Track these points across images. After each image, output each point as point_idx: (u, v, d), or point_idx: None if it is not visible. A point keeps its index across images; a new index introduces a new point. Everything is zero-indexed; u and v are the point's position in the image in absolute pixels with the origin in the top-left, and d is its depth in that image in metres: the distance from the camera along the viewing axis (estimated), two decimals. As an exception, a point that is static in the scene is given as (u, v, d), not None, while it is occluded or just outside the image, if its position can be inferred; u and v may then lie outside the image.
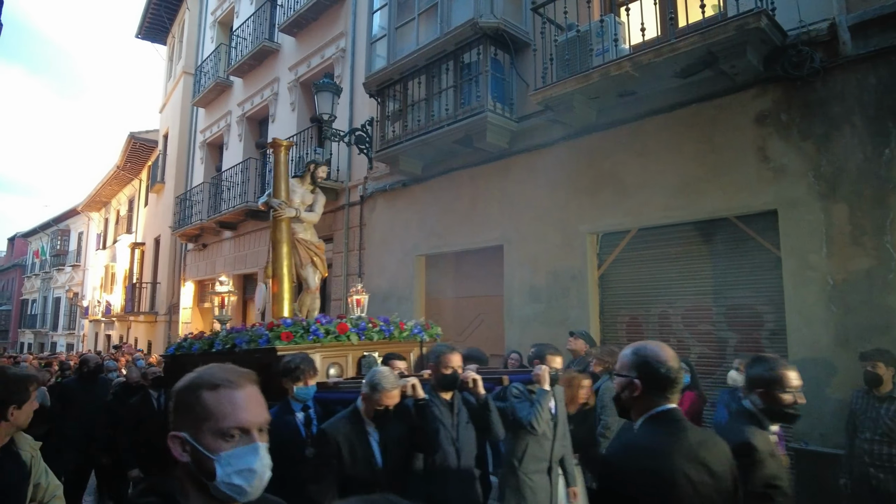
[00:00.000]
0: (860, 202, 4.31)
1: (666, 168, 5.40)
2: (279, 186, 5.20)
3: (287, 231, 5.15)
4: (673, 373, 1.71)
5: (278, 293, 5.06)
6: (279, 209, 5.09)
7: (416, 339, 4.81)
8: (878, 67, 4.27)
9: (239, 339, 4.17)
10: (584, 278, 5.90)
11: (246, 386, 1.15)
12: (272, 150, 5.36)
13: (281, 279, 5.05)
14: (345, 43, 9.54)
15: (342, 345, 4.31)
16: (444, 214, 7.47)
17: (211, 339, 4.66)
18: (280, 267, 5.07)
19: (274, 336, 4.04)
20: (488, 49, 6.22)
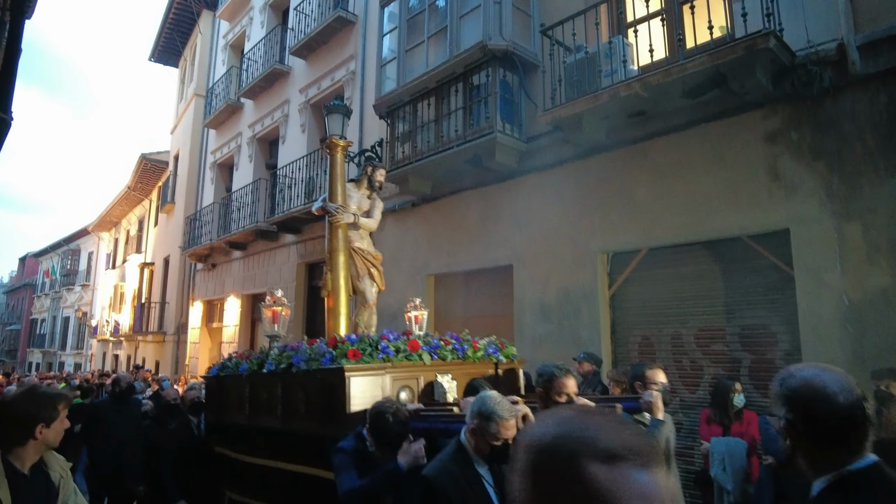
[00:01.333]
0: (874, 220, 4.28)
1: (676, 187, 5.40)
2: (335, 189, 4.74)
3: (344, 239, 4.67)
4: (851, 408, 1.16)
5: (334, 308, 4.54)
6: (336, 214, 4.60)
7: (492, 359, 4.20)
8: (889, 86, 4.27)
9: (296, 358, 3.70)
10: (595, 297, 5.87)
11: (658, 466, 0.64)
12: (328, 150, 4.92)
13: (337, 292, 4.55)
14: (355, 65, 9.68)
15: (413, 365, 3.72)
16: (454, 233, 7.48)
17: (261, 358, 4.18)
18: (337, 278, 4.56)
19: (339, 354, 3.51)
20: (497, 71, 6.29)
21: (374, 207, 5.03)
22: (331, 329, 4.48)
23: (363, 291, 4.82)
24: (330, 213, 4.64)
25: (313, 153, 10.09)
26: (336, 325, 4.50)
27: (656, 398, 2.82)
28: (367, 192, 5.07)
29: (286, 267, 11.00)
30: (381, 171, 5.12)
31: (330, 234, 4.70)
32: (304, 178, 9.87)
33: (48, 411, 2.12)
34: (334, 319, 4.53)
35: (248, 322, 12.82)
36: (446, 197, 7.59)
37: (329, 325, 4.55)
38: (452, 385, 3.76)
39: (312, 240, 10.29)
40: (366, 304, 4.87)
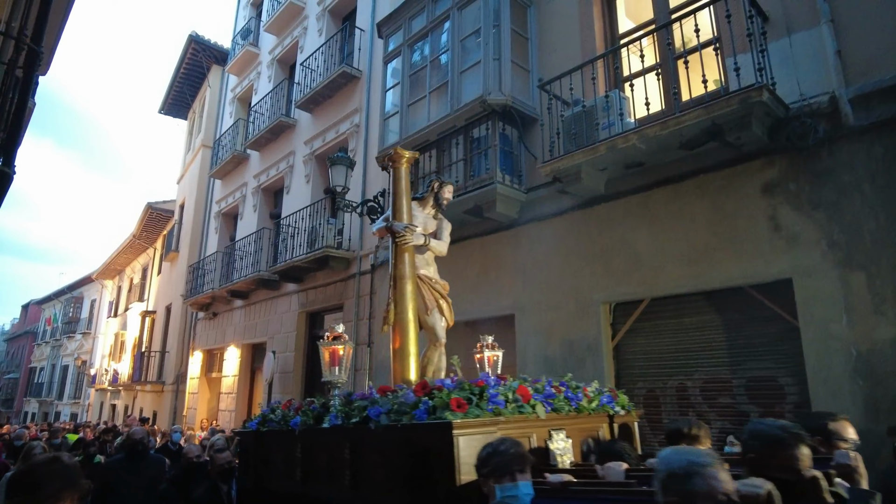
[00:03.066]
0: (878, 270, 4.25)
1: (677, 237, 5.40)
2: (400, 207, 4.05)
3: (412, 265, 3.97)
4: None
5: (401, 346, 3.72)
6: (404, 234, 3.89)
7: (606, 410, 3.50)
8: (884, 137, 4.33)
9: (373, 410, 2.89)
10: (599, 348, 5.79)
11: None
12: (390, 163, 4.15)
13: (405, 327, 3.76)
14: (359, 118, 9.90)
15: (525, 419, 2.90)
16: (455, 283, 7.38)
17: (318, 411, 3.39)
18: (404, 311, 3.79)
19: (440, 404, 2.67)
20: (497, 124, 6.42)
21: (443, 229, 4.35)
22: (397, 373, 3.71)
23: (432, 327, 4.03)
24: (396, 233, 3.90)
25: (317, 203, 10.21)
26: (404, 368, 3.67)
27: (856, 460, 2.12)
28: (433, 210, 4.36)
29: (287, 316, 10.94)
30: (448, 187, 4.38)
31: (395, 258, 3.96)
32: (306, 227, 9.94)
33: (80, 484, 1.85)
34: (401, 361, 3.71)
35: (248, 372, 12.65)
36: (450, 245, 7.59)
37: (395, 369, 3.75)
38: (568, 445, 3.00)
39: (314, 289, 10.27)
40: (436, 342, 4.07)
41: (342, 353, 3.60)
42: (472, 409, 2.66)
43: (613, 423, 3.49)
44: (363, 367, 8.50)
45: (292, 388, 10.25)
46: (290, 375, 10.36)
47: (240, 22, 16.76)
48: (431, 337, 4.07)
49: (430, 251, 4.18)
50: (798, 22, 4.89)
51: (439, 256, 4.32)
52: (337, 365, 3.58)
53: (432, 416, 2.64)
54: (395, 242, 3.94)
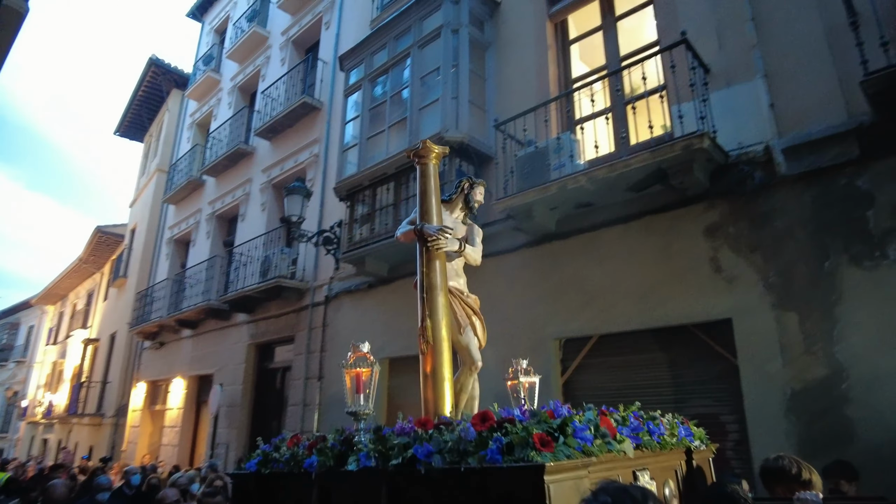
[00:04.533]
0: (810, 312, 4.45)
1: (626, 276, 5.54)
2: (429, 207, 3.44)
3: (444, 274, 3.37)
4: None
5: (436, 370, 3.11)
6: (437, 237, 3.27)
7: (685, 445, 3.08)
8: (813, 186, 4.59)
9: (422, 449, 2.34)
10: (549, 384, 5.81)
11: None
12: (417, 159, 3.53)
13: (439, 347, 3.16)
14: (318, 149, 9.90)
15: (614, 458, 2.43)
16: (411, 316, 7.36)
17: (339, 449, 2.74)
18: (439, 328, 3.19)
19: (518, 441, 2.14)
20: (454, 160, 6.52)
21: (475, 234, 3.78)
22: (431, 402, 3.07)
23: (466, 347, 3.47)
24: (429, 236, 3.30)
25: (272, 232, 10.07)
26: (439, 397, 3.08)
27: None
28: (462, 214, 3.77)
29: (237, 347, 10.63)
30: (480, 188, 3.80)
31: (426, 266, 3.35)
32: (260, 256, 9.78)
33: None
34: (436, 388, 3.08)
35: (194, 405, 12.17)
36: (403, 279, 7.59)
37: (427, 398, 3.11)
38: (653, 488, 2.59)
39: (265, 320, 10.04)
40: (472, 365, 3.54)
41: (367, 377, 2.88)
42: (560, 447, 2.14)
43: (692, 458, 3.00)
44: (312, 402, 8.30)
45: (239, 422, 9.90)
46: (238, 409, 10.01)
47: (202, 48, 16.68)
48: (466, 359, 3.51)
49: (459, 260, 3.63)
50: (736, 75, 5.20)
51: (473, 266, 3.80)
52: (362, 392, 2.86)
53: (509, 457, 2.11)
54: (425, 248, 3.35)
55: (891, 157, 4.28)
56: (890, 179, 4.26)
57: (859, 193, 4.37)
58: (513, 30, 7.25)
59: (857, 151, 4.42)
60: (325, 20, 11.08)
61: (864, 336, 4.17)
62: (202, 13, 17.11)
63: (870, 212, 4.29)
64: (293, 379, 8.90)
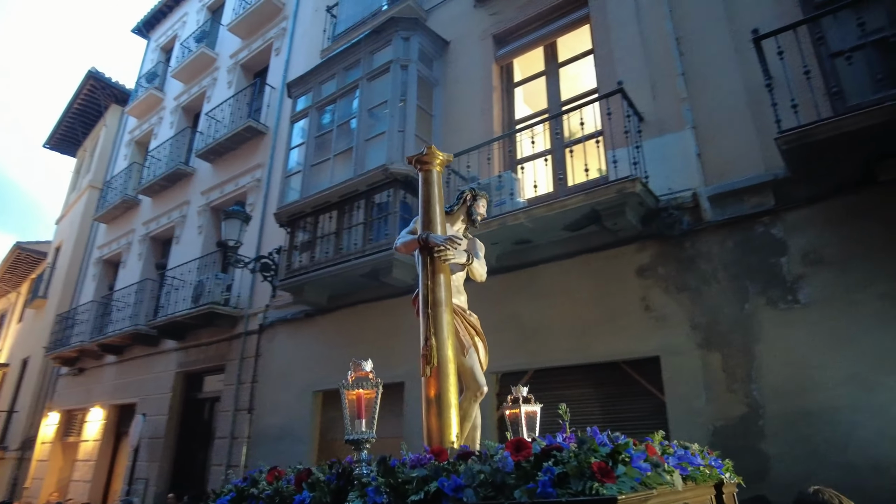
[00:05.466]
0: (731, 351, 4.67)
1: (562, 312, 5.66)
2: (433, 217, 3.18)
3: (449, 289, 3.12)
4: None
5: (441, 395, 2.87)
6: (446, 247, 3.03)
7: (717, 478, 2.83)
8: (734, 233, 4.89)
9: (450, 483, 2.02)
10: (485, 419, 5.80)
11: None
12: (419, 166, 3.30)
13: (444, 368, 2.92)
14: (261, 174, 9.74)
15: (668, 491, 2.16)
16: (349, 348, 7.28)
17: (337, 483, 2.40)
18: (443, 348, 2.95)
19: (575, 472, 1.90)
20: (398, 192, 6.56)
21: (477, 248, 3.55)
22: (435, 431, 2.82)
23: (470, 369, 3.21)
24: (436, 246, 3.04)
25: (207, 256, 9.75)
26: (445, 425, 2.83)
27: None
28: (463, 227, 3.55)
29: (164, 375, 10.10)
30: (483, 200, 3.59)
31: (430, 279, 3.09)
32: (193, 281, 9.41)
33: None
34: (440, 415, 2.83)
35: (113, 437, 11.41)
36: (342, 309, 7.48)
37: (431, 425, 2.85)
38: None
39: (195, 347, 9.62)
40: (477, 390, 3.26)
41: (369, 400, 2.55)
42: (623, 477, 1.94)
43: (722, 493, 2.78)
44: (241, 434, 7.95)
45: (162, 455, 9.34)
46: (161, 442, 9.46)
47: (147, 65, 16.24)
48: (470, 384, 3.23)
49: (460, 275, 3.40)
50: (668, 125, 5.51)
51: (478, 282, 3.60)
52: (364, 417, 2.52)
53: (564, 490, 1.87)
54: (430, 259, 3.11)
55: (801, 209, 4.62)
56: (800, 229, 4.59)
57: (775, 241, 4.69)
58: (461, 69, 7.46)
59: (772, 202, 4.75)
60: (275, 46, 11.05)
61: (777, 375, 4.41)
62: (148, 30, 16.72)
63: (783, 258, 4.60)
64: (222, 410, 8.52)
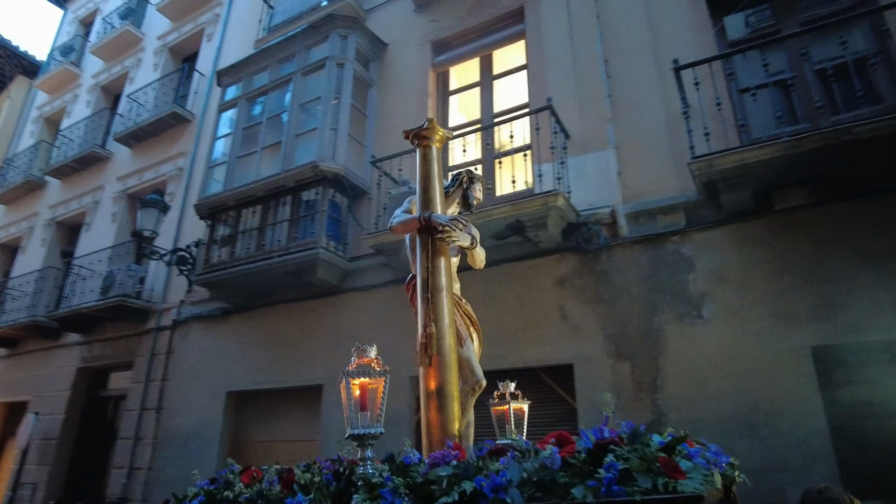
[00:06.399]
0: (639, 362, 4.92)
1: (488, 318, 5.68)
2: (433, 196, 2.97)
3: (449, 274, 2.93)
4: None
5: (442, 386, 2.63)
6: (449, 230, 2.82)
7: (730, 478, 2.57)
8: (647, 249, 5.16)
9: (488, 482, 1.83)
10: (404, 422, 5.81)
11: None
12: (417, 141, 3.10)
13: (446, 358, 2.68)
14: (184, 163, 9.32)
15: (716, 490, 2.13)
16: (267, 348, 7.08)
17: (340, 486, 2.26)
18: (445, 336, 2.71)
19: (639, 466, 1.78)
20: (327, 191, 6.47)
21: (474, 234, 3.30)
22: (436, 426, 2.59)
23: (468, 361, 2.93)
24: (439, 226, 2.83)
25: (120, 246, 9.20)
26: (448, 420, 2.60)
27: None
28: (458, 211, 3.40)
29: (63, 371, 9.40)
30: (479, 184, 3.41)
31: (430, 262, 2.87)
32: (103, 271, 8.85)
33: None
34: (442, 408, 2.60)
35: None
36: (262, 308, 7.26)
37: (431, 420, 2.61)
38: None
39: (101, 342, 9.03)
40: (475, 384, 2.95)
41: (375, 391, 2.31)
42: (693, 473, 1.80)
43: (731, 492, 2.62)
44: (147, 435, 7.53)
45: (55, 457, 8.69)
46: (54, 443, 8.79)
47: (62, 37, 15.12)
48: (468, 377, 2.93)
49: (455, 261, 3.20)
50: (592, 143, 5.75)
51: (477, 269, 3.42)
52: (369, 409, 2.27)
53: (634, 486, 1.74)
54: (431, 241, 2.89)
55: (709, 231, 4.96)
56: (707, 249, 4.92)
57: (683, 259, 4.99)
58: (398, 73, 7.47)
59: (683, 222, 5.07)
60: (207, 32, 10.62)
61: (680, 386, 4.69)
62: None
63: (691, 276, 4.91)
64: (127, 409, 8.04)
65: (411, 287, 3.03)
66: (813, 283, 4.45)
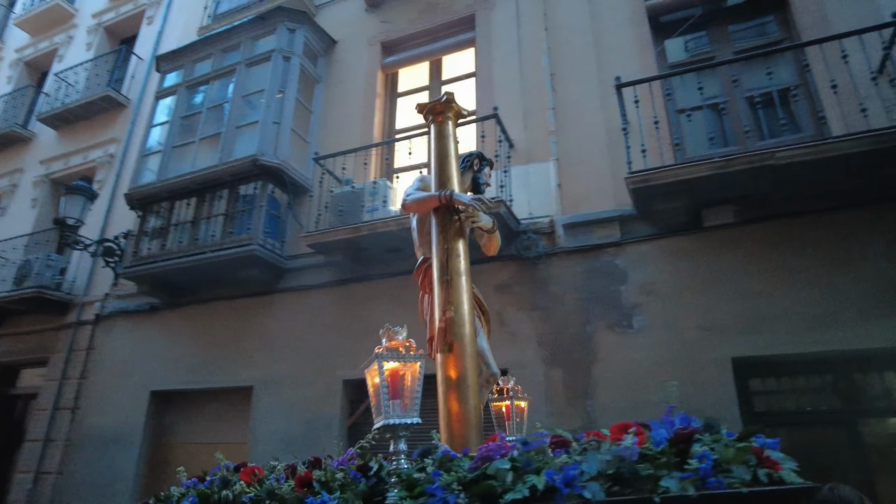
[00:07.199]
0: (572, 368, 5.03)
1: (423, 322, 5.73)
2: (450, 174, 2.80)
3: (468, 258, 2.77)
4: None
5: (463, 376, 2.49)
6: (475, 207, 2.71)
7: None
8: (583, 260, 5.30)
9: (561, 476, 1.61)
10: (335, 426, 5.71)
11: None
12: (431, 117, 2.92)
13: (465, 346, 2.54)
14: (116, 150, 8.85)
15: None
16: (196, 347, 6.80)
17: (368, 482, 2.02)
18: (464, 323, 2.58)
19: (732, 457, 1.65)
20: (267, 186, 6.29)
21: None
22: (456, 419, 2.42)
23: (482, 352, 2.80)
24: (462, 205, 2.69)
25: (40, 233, 8.63)
26: (470, 410, 2.43)
27: None
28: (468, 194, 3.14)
29: (-33, 367, 8.69)
30: (489, 168, 3.28)
31: (448, 244, 2.70)
32: (19, 259, 8.26)
33: None
34: (464, 400, 2.43)
35: None
36: (193, 305, 6.96)
37: (451, 411, 2.44)
38: None
39: (13, 336, 8.41)
40: (491, 376, 2.87)
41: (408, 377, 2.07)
42: (786, 463, 1.70)
43: None
44: (59, 436, 7.07)
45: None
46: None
47: (-17, 7, 14.09)
48: (481, 369, 2.76)
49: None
50: (535, 154, 5.86)
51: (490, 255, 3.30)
52: (403, 397, 2.05)
53: (731, 477, 1.60)
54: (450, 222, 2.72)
55: (642, 244, 5.14)
56: (640, 262, 5.09)
57: (617, 271, 5.15)
58: (346, 71, 7.37)
59: (619, 235, 5.23)
60: (148, 14, 10.14)
61: (611, 394, 4.81)
62: (-8, -32, 14.56)
63: (623, 287, 5.06)
64: (38, 409, 7.51)
65: (422, 271, 2.88)
66: (737, 297, 4.68)
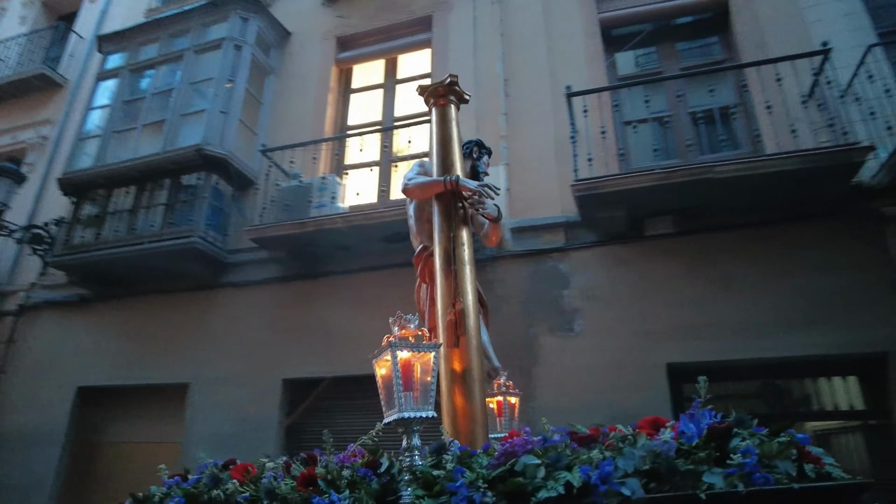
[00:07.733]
0: (514, 371, 5.03)
1: (368, 321, 5.61)
2: (453, 159, 2.74)
3: (472, 247, 2.67)
4: None
5: (469, 369, 2.42)
6: (482, 194, 2.64)
7: None
8: (529, 264, 5.38)
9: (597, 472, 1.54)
10: (273, 427, 5.57)
11: None
12: (433, 100, 2.88)
13: (472, 338, 2.49)
14: (49, 131, 8.38)
15: None
16: (129, 342, 6.50)
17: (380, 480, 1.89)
18: (470, 315, 2.51)
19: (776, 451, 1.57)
20: (211, 177, 6.10)
21: None
22: (462, 413, 2.34)
23: (484, 347, 2.79)
24: (468, 192, 2.61)
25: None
26: (476, 405, 2.37)
27: None
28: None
29: None
30: (488, 157, 3.26)
31: (455, 232, 2.59)
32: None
33: None
34: (470, 396, 2.37)
35: None
36: (127, 298, 6.66)
37: (456, 406, 2.35)
38: None
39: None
40: (493, 370, 2.92)
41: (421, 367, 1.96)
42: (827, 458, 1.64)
43: None
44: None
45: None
46: None
47: None
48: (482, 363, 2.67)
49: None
50: (487, 158, 5.90)
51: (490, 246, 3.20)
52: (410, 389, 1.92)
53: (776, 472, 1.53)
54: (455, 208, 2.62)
55: (585, 251, 5.27)
56: (582, 268, 5.21)
57: (561, 276, 5.25)
58: (299, 64, 7.23)
59: (563, 241, 5.34)
60: (91, -9, 9.67)
61: (552, 396, 4.89)
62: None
63: (566, 291, 5.17)
64: (-50, 405, 7.01)
65: (422, 259, 2.79)
66: (674, 305, 4.85)
